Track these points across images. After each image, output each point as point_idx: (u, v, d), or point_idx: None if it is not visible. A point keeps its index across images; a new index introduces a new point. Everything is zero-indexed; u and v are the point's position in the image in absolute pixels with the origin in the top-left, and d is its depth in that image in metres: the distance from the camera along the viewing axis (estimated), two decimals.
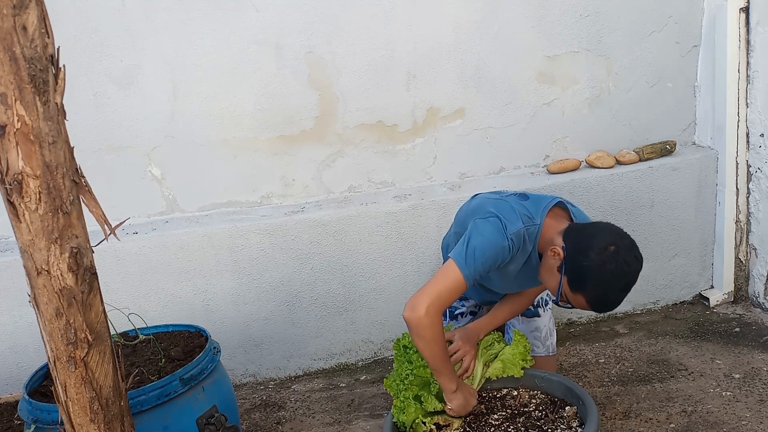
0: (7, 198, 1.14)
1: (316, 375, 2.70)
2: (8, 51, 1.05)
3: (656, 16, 2.74)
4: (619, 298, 1.66)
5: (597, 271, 1.61)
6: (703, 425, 2.07)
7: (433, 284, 1.73)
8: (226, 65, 2.51)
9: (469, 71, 2.66)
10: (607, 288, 1.63)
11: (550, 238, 1.75)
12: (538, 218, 1.79)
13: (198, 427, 1.75)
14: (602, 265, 1.60)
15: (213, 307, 2.59)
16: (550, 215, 1.81)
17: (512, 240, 1.74)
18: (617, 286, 1.63)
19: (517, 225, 1.75)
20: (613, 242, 1.63)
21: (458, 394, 1.79)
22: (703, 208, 2.85)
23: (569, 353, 2.60)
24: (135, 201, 2.60)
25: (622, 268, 1.61)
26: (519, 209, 1.79)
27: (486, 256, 1.72)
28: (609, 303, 1.66)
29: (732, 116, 2.71)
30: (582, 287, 1.64)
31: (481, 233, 1.75)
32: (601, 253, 1.61)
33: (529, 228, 1.77)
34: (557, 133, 2.80)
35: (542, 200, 1.84)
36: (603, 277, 1.61)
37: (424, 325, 1.69)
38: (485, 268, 1.74)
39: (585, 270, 1.62)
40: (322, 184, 2.70)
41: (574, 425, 1.78)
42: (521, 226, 1.75)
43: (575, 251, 1.65)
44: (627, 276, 1.64)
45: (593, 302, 1.65)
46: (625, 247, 1.65)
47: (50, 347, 1.24)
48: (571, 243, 1.67)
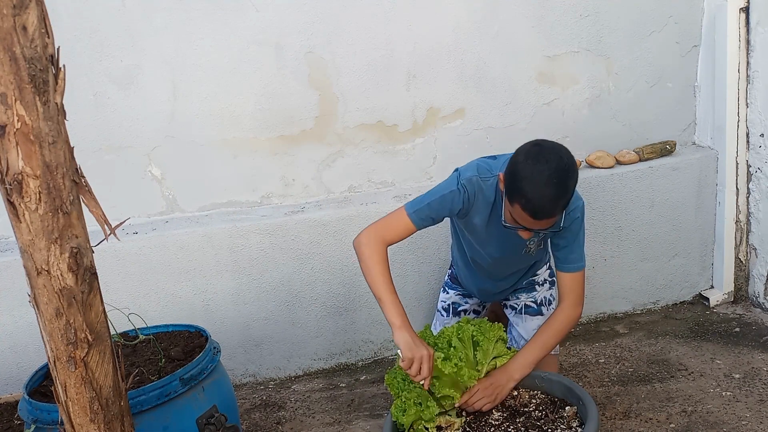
0: (7, 198, 1.14)
1: (316, 375, 2.70)
2: (8, 51, 1.05)
3: (656, 16, 2.74)
4: (546, 195, 1.65)
5: (522, 171, 1.66)
6: (703, 425, 2.07)
7: (379, 220, 1.93)
8: (226, 65, 2.51)
9: (469, 71, 2.66)
10: (532, 184, 1.64)
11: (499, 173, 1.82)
12: (497, 170, 1.86)
13: (198, 427, 1.75)
14: (523, 163, 1.67)
15: (213, 307, 2.59)
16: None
17: (464, 186, 1.85)
18: (540, 180, 1.64)
19: (470, 173, 1.87)
20: (537, 143, 1.72)
21: (403, 332, 1.74)
22: (703, 208, 2.85)
23: (569, 353, 2.60)
24: (135, 201, 2.60)
25: (541, 162, 1.65)
26: (480, 163, 1.91)
27: (434, 198, 1.87)
28: (538, 201, 1.65)
29: (732, 116, 2.71)
30: (514, 194, 1.69)
31: (438, 185, 1.93)
32: (523, 154, 1.69)
33: (486, 178, 1.86)
34: (557, 133, 2.80)
35: (507, 156, 1.89)
36: (527, 174, 1.65)
37: (362, 243, 1.85)
38: (434, 212, 1.88)
39: (512, 175, 1.68)
40: (322, 184, 2.70)
41: (574, 425, 1.78)
42: (475, 174, 1.86)
43: (508, 165, 1.73)
44: (549, 170, 1.64)
45: (525, 205, 1.66)
46: (548, 146, 1.71)
47: (50, 347, 1.24)
48: (508, 162, 1.75)
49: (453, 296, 2.34)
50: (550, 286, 2.28)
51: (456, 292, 2.35)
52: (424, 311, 2.69)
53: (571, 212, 1.89)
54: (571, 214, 1.90)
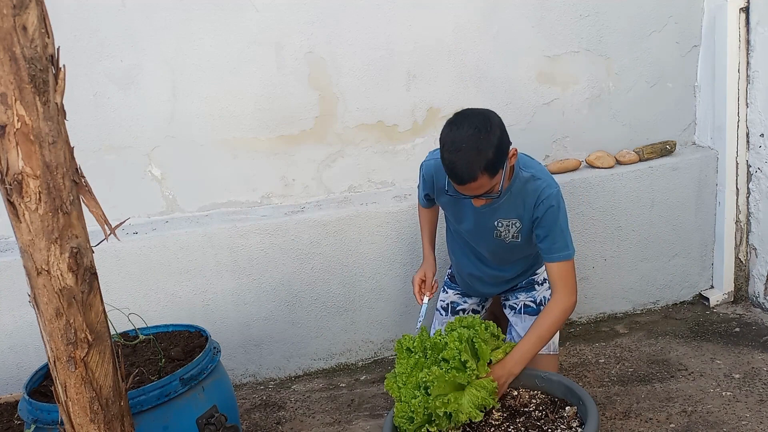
0: (7, 198, 1.14)
1: (316, 375, 2.70)
2: (8, 51, 1.05)
3: (656, 16, 2.74)
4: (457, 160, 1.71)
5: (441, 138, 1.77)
6: (703, 425, 2.07)
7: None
8: (226, 65, 2.51)
9: (469, 71, 2.66)
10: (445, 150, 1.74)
11: None
12: None
13: (198, 427, 1.75)
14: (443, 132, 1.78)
15: (213, 307, 2.59)
16: None
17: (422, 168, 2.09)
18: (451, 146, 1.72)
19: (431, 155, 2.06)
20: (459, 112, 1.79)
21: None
22: (703, 208, 2.85)
23: (569, 353, 2.60)
24: (135, 201, 2.60)
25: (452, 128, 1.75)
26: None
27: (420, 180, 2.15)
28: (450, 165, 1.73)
29: (732, 116, 2.71)
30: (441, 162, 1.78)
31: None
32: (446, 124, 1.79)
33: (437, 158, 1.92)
34: (557, 133, 2.80)
35: None
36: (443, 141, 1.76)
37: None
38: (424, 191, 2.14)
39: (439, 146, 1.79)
40: (322, 184, 2.70)
41: (574, 425, 1.78)
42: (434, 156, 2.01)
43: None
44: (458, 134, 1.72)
45: (448, 170, 1.75)
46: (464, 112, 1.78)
47: (50, 347, 1.24)
48: None
49: (452, 296, 2.35)
50: (549, 286, 2.27)
51: (455, 292, 2.35)
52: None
53: (544, 200, 1.88)
54: (545, 203, 1.88)
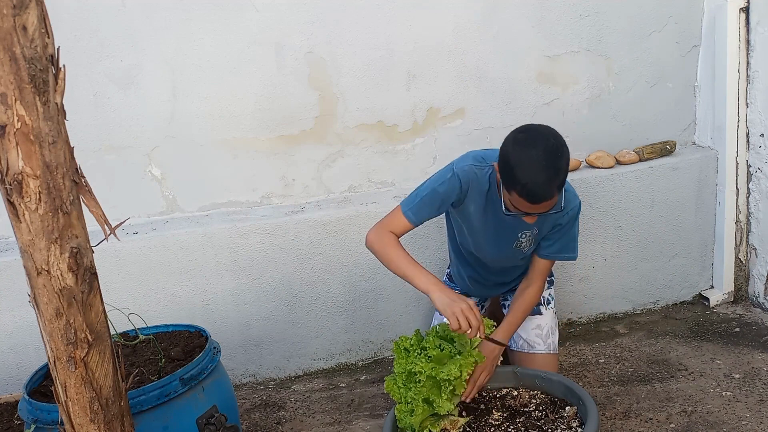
0: (7, 198, 1.14)
1: (316, 375, 2.70)
2: (8, 51, 1.05)
3: (656, 16, 2.74)
4: (542, 180, 1.66)
5: (512, 159, 1.68)
6: (703, 425, 2.07)
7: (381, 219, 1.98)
8: (226, 65, 2.51)
9: (469, 71, 2.66)
10: (526, 171, 1.66)
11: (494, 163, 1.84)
12: (492, 160, 1.88)
13: (198, 427, 1.75)
14: (514, 152, 1.69)
15: (213, 307, 2.59)
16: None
17: (458, 175, 1.88)
18: (535, 166, 1.66)
19: (464, 162, 1.90)
20: (523, 130, 1.73)
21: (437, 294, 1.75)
22: (703, 208, 2.85)
23: (569, 353, 2.60)
24: (135, 201, 2.60)
25: (530, 147, 1.67)
26: (473, 154, 1.93)
27: (426, 193, 1.91)
28: (534, 187, 1.67)
29: (732, 116, 2.71)
30: (510, 183, 1.70)
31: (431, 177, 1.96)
32: (512, 142, 1.72)
33: (481, 167, 1.89)
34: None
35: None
36: (519, 161, 1.67)
37: (372, 241, 1.92)
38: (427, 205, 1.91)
39: (506, 164, 1.70)
40: (322, 184, 2.70)
41: (574, 425, 1.78)
42: (470, 163, 1.89)
43: (500, 154, 1.74)
44: (538, 155, 1.66)
45: (523, 192, 1.68)
46: (534, 129, 1.73)
47: (50, 347, 1.24)
48: (499, 150, 1.77)
49: None
50: (548, 286, 2.28)
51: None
52: (424, 311, 2.69)
53: (569, 211, 1.93)
54: (569, 213, 1.93)
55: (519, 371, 2.01)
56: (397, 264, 1.85)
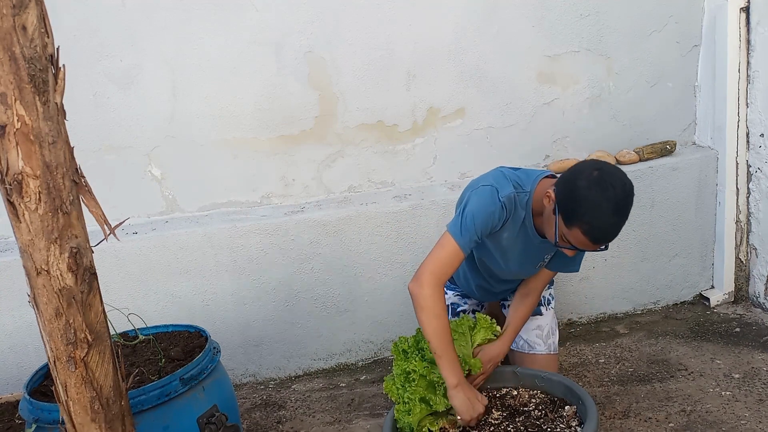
0: (7, 198, 1.14)
1: (316, 375, 2.70)
2: (8, 51, 1.05)
3: (656, 16, 2.74)
4: (613, 224, 1.64)
5: (585, 197, 1.62)
6: (702, 425, 2.07)
7: (432, 255, 1.84)
8: (226, 65, 2.51)
9: (469, 71, 2.66)
10: (598, 212, 1.62)
11: (545, 191, 1.79)
12: (529, 186, 1.85)
13: (199, 426, 1.76)
14: (589, 189, 1.62)
15: (213, 307, 2.59)
16: (541, 182, 1.87)
17: (504, 204, 1.80)
18: (608, 209, 1.62)
19: (508, 189, 1.82)
20: (597, 167, 1.66)
21: (460, 392, 1.77)
22: (703, 208, 2.84)
23: (569, 353, 2.60)
24: (135, 201, 2.60)
25: (608, 188, 1.61)
26: (511, 177, 1.87)
27: (478, 221, 1.79)
28: (603, 229, 1.64)
29: (732, 116, 2.71)
30: (575, 218, 1.65)
31: (474, 202, 1.83)
32: (586, 179, 1.63)
33: (519, 194, 1.84)
34: (557, 133, 2.80)
35: (534, 172, 1.92)
36: (592, 201, 1.61)
37: (425, 295, 1.78)
38: (479, 235, 1.81)
39: (574, 200, 1.64)
40: (322, 184, 2.70)
41: (574, 425, 1.78)
42: (512, 190, 1.82)
43: (564, 187, 1.68)
44: (616, 197, 1.62)
45: (588, 232, 1.64)
46: (610, 170, 1.66)
47: (50, 347, 1.24)
48: (560, 185, 1.71)
49: (452, 297, 2.34)
50: (549, 286, 2.28)
51: (454, 293, 2.35)
52: None
53: None
54: None
55: (519, 371, 2.01)
56: (438, 338, 1.77)
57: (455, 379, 1.76)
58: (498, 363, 2.02)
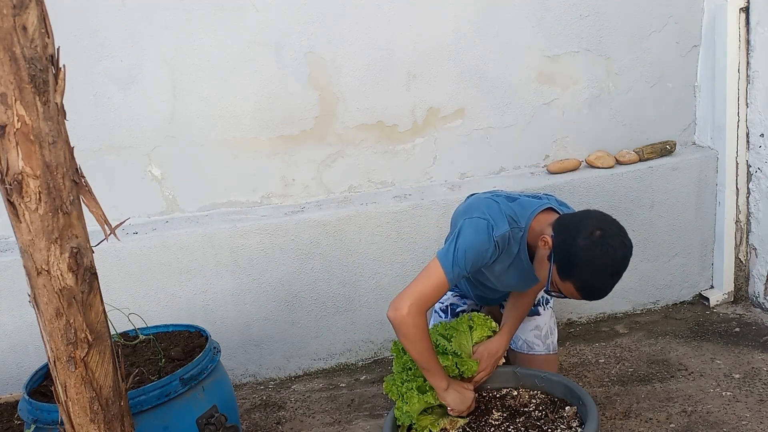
0: (7, 198, 1.14)
1: (316, 375, 2.70)
2: (8, 51, 1.05)
3: (656, 16, 2.74)
4: (608, 285, 1.64)
5: (583, 256, 1.59)
6: (703, 425, 2.07)
7: (417, 284, 1.78)
8: (226, 65, 2.51)
9: (469, 71, 2.66)
10: (595, 273, 1.61)
11: (540, 231, 1.76)
12: (524, 222, 1.81)
13: (198, 426, 1.75)
14: (588, 250, 1.59)
15: (213, 307, 2.59)
16: (537, 217, 1.82)
17: (497, 243, 1.77)
18: (605, 272, 1.61)
19: (503, 228, 1.77)
20: (600, 227, 1.62)
21: (451, 391, 1.84)
22: (703, 208, 2.85)
23: (569, 353, 2.60)
24: (135, 201, 2.60)
25: (608, 252, 1.59)
26: (507, 211, 1.81)
27: (469, 257, 1.75)
28: (598, 289, 1.64)
29: (732, 116, 2.71)
30: (570, 274, 1.63)
31: (467, 234, 1.78)
32: (587, 238, 1.60)
33: (514, 230, 1.79)
34: (557, 133, 2.80)
35: (531, 204, 1.85)
36: (590, 262, 1.59)
37: (407, 323, 1.74)
38: (468, 270, 1.77)
39: (572, 256, 1.61)
40: (322, 184, 2.70)
41: (574, 425, 1.78)
42: (507, 228, 1.77)
43: (563, 238, 1.65)
44: (614, 261, 1.61)
45: (582, 289, 1.63)
46: (612, 231, 1.63)
47: (50, 347, 1.24)
48: (559, 232, 1.68)
49: (451, 297, 2.34)
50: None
51: (453, 294, 2.34)
52: None
53: None
54: None
55: (519, 371, 2.01)
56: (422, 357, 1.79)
57: (444, 383, 1.83)
58: (500, 358, 2.02)
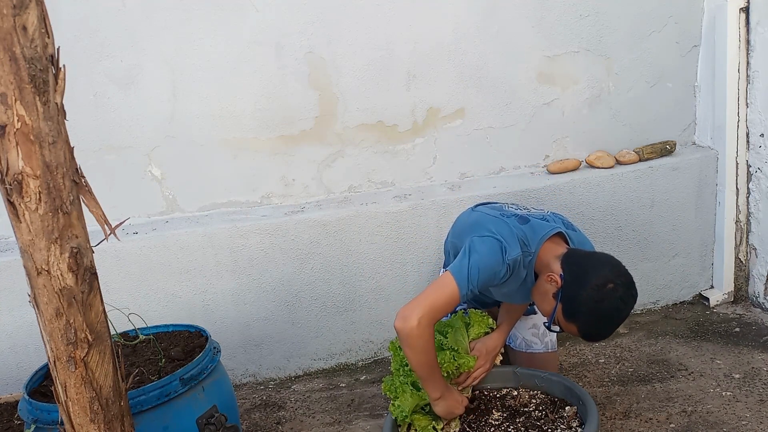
0: (7, 198, 1.14)
1: (316, 375, 2.70)
2: (8, 51, 1.05)
3: (656, 16, 2.74)
4: (611, 332, 1.70)
5: (593, 306, 1.62)
6: (703, 425, 2.07)
7: (428, 296, 1.73)
8: (226, 65, 2.51)
9: (469, 71, 2.66)
10: (600, 323, 1.65)
11: (547, 263, 1.75)
12: (534, 247, 1.80)
13: (198, 427, 1.75)
14: (599, 302, 1.62)
15: (213, 307, 2.59)
16: (546, 244, 1.81)
17: (509, 266, 1.75)
18: (611, 323, 1.66)
19: (515, 251, 1.75)
20: (613, 280, 1.64)
21: (441, 402, 1.82)
22: (703, 208, 2.85)
23: (569, 353, 2.60)
24: (135, 201, 2.60)
25: (618, 306, 1.63)
26: (518, 233, 1.79)
27: (482, 276, 1.73)
28: (600, 336, 1.71)
29: (732, 116, 2.71)
30: (576, 318, 1.66)
31: (481, 253, 1.75)
32: (599, 289, 1.62)
33: (525, 255, 1.78)
34: (557, 133, 2.80)
35: (542, 228, 1.83)
36: (598, 312, 1.63)
37: (415, 335, 1.69)
38: (479, 288, 1.76)
39: (581, 303, 1.63)
40: (322, 184, 2.70)
41: (574, 425, 1.78)
42: (519, 252, 1.76)
43: (573, 282, 1.66)
44: (621, 313, 1.66)
45: (585, 333, 1.68)
46: (624, 285, 1.66)
47: (50, 347, 1.24)
48: (569, 273, 1.67)
49: None
50: None
51: None
52: None
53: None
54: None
55: (519, 371, 2.01)
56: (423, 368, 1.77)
57: (438, 393, 1.81)
58: (497, 355, 2.02)
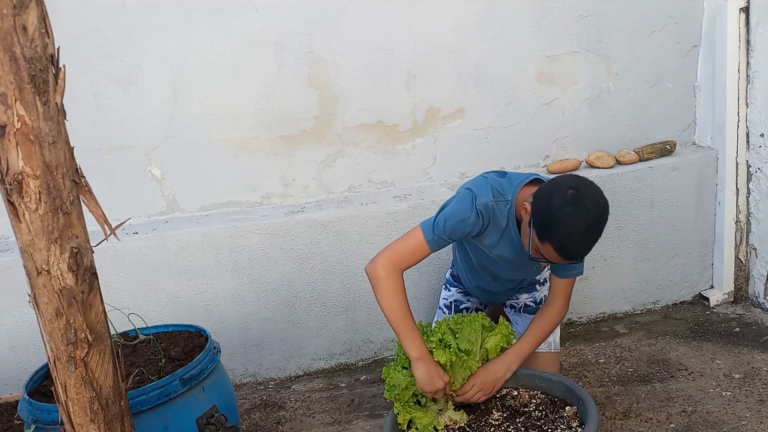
0: (7, 198, 1.14)
1: (316, 375, 2.70)
2: (8, 51, 1.05)
3: (656, 16, 2.74)
4: (584, 242, 1.67)
5: (557, 215, 1.63)
6: (703, 425, 2.07)
7: (395, 244, 1.87)
8: (226, 65, 2.51)
9: (469, 71, 2.66)
10: (569, 230, 1.64)
11: (523, 202, 1.78)
12: (510, 194, 1.84)
13: (198, 427, 1.75)
14: (561, 208, 1.63)
15: (213, 307, 2.59)
16: (524, 188, 1.85)
17: (480, 211, 1.80)
18: (579, 228, 1.64)
19: (486, 197, 1.82)
20: (573, 186, 1.66)
21: (422, 365, 1.77)
22: (703, 208, 2.85)
23: (569, 353, 2.60)
24: (135, 201, 2.60)
25: (580, 209, 1.63)
26: (493, 184, 1.85)
27: (449, 223, 1.81)
28: (574, 247, 1.67)
29: (732, 116, 2.71)
30: (547, 234, 1.67)
31: (451, 204, 1.87)
32: (560, 197, 1.64)
33: (499, 202, 1.83)
34: (557, 133, 2.80)
35: (518, 177, 1.89)
36: (563, 219, 1.63)
37: (381, 276, 1.81)
38: (448, 235, 1.82)
39: (547, 216, 1.65)
40: (322, 184, 2.70)
41: (574, 425, 1.78)
42: (490, 198, 1.82)
43: (539, 201, 1.69)
44: (587, 218, 1.64)
45: (559, 248, 1.66)
46: (585, 191, 1.67)
47: (50, 347, 1.24)
48: (537, 196, 1.71)
49: (455, 294, 2.35)
50: (549, 287, 2.28)
51: (458, 290, 2.35)
52: (425, 310, 2.69)
53: None
54: None
55: (519, 371, 2.01)
56: (394, 316, 1.81)
57: (417, 353, 1.78)
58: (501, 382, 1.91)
